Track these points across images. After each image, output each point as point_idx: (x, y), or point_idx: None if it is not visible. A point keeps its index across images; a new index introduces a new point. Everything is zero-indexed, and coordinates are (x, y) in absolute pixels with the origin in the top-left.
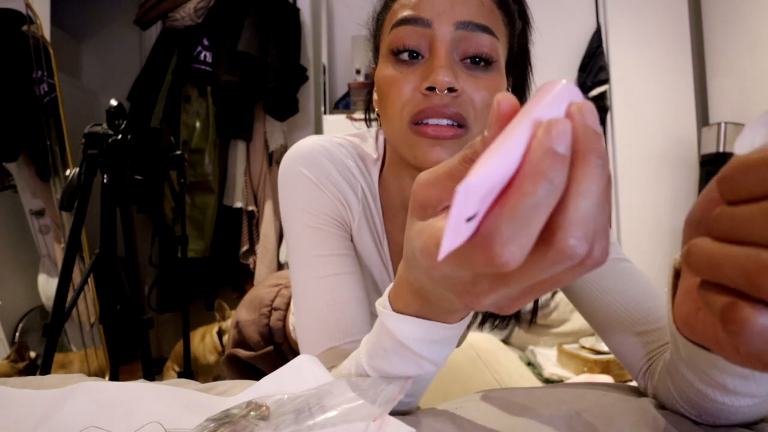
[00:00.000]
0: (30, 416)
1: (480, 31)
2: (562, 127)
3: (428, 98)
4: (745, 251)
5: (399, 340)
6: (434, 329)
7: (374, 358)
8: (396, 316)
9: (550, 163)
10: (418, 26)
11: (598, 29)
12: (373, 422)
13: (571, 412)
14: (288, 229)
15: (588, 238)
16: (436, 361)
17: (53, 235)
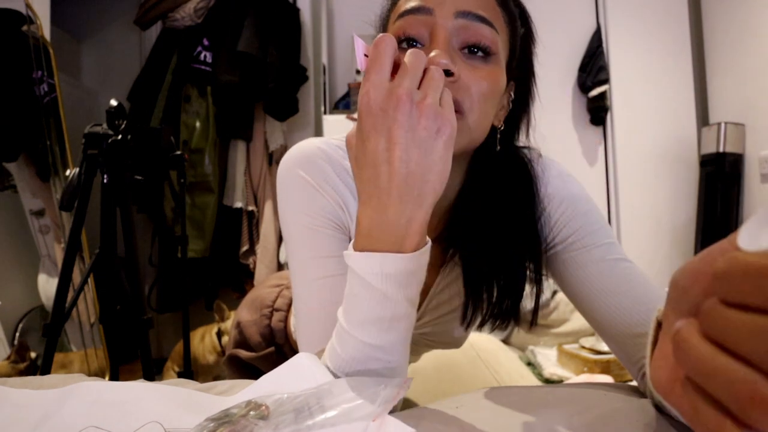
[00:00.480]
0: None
1: (480, 22)
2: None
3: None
4: (736, 370)
5: (360, 275)
6: (387, 260)
7: (348, 312)
8: (355, 254)
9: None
10: (420, 15)
11: (598, 29)
12: (373, 422)
13: (571, 412)
14: (287, 231)
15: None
16: (397, 297)
17: (53, 235)
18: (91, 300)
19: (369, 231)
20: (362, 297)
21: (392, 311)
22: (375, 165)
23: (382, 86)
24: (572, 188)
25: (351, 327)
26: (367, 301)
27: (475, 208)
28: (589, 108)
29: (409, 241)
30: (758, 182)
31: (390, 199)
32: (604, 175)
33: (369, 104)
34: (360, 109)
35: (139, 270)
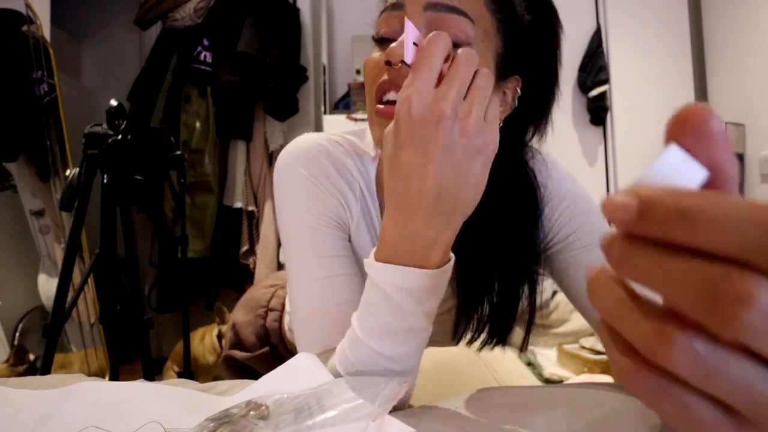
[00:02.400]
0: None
1: (450, 12)
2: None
3: (388, 71)
4: (641, 309)
5: (380, 287)
6: (409, 274)
7: (363, 319)
8: (377, 264)
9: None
10: (393, 11)
11: (598, 29)
12: (373, 422)
13: (571, 412)
14: (284, 229)
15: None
16: (414, 312)
17: (53, 235)
18: (91, 300)
19: (393, 243)
20: (379, 307)
21: (408, 324)
22: (407, 178)
23: (426, 94)
24: (572, 187)
25: (365, 335)
26: (384, 312)
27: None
28: (589, 108)
29: (434, 257)
30: (758, 182)
31: (418, 215)
32: (604, 175)
33: (409, 112)
34: (398, 114)
35: (139, 270)
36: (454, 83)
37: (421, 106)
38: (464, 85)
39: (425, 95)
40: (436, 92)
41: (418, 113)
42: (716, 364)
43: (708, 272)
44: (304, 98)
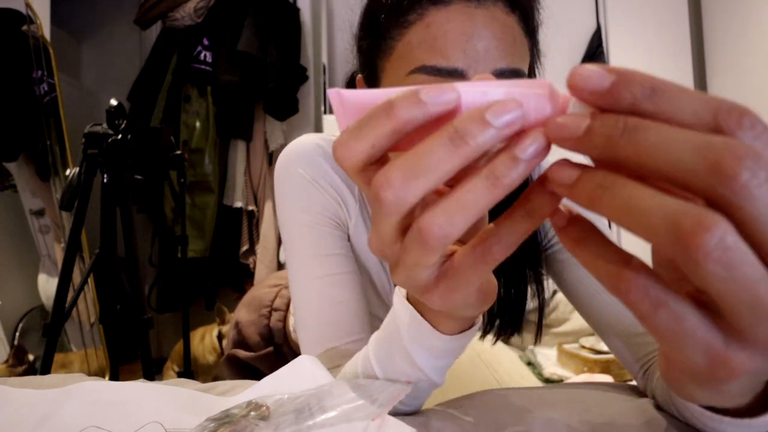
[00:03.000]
0: (30, 416)
1: (516, 77)
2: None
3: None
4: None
5: (399, 328)
6: (429, 335)
7: (379, 349)
8: (405, 308)
9: (465, 125)
10: (451, 76)
11: (598, 29)
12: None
13: (570, 412)
14: (285, 228)
15: (446, 230)
16: (424, 367)
17: (53, 235)
18: (91, 300)
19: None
20: (395, 350)
21: (418, 376)
22: None
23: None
24: None
25: (377, 364)
26: (399, 358)
27: None
28: None
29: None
30: None
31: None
32: None
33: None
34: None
35: (139, 270)
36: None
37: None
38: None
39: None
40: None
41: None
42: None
43: (671, 205)
44: (304, 98)
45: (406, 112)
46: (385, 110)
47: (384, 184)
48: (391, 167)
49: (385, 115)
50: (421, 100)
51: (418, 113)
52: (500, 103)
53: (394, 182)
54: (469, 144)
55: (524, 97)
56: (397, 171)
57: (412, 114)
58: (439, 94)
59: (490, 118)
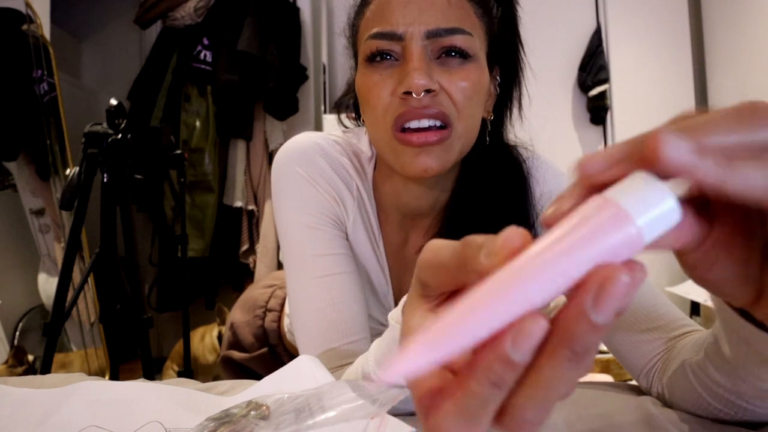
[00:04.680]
0: (30, 415)
1: (453, 34)
2: (529, 332)
3: (407, 101)
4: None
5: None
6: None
7: (381, 361)
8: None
9: (500, 369)
10: (390, 40)
11: (598, 29)
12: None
13: (570, 412)
14: (282, 228)
15: (541, 417)
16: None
17: (53, 235)
18: (91, 299)
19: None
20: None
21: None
22: None
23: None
24: (561, 183)
25: (379, 366)
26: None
27: (469, 209)
28: (589, 107)
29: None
30: None
31: None
32: None
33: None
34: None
35: (139, 269)
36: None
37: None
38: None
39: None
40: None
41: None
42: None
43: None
44: (304, 97)
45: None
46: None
47: (528, 426)
48: (527, 409)
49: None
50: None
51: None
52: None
53: (538, 421)
54: (589, 355)
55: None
56: (534, 411)
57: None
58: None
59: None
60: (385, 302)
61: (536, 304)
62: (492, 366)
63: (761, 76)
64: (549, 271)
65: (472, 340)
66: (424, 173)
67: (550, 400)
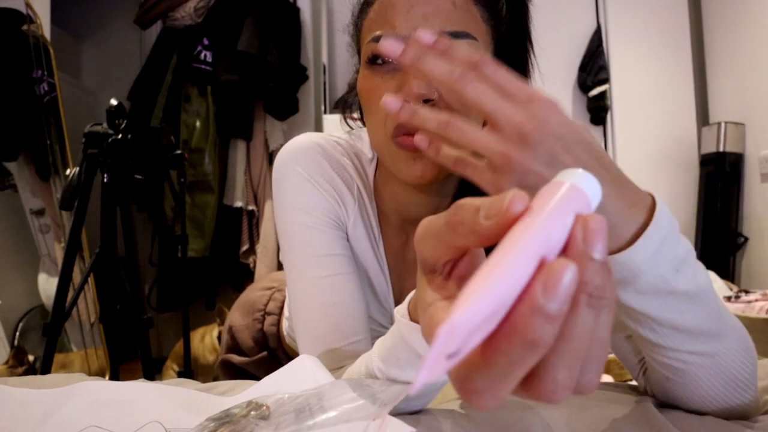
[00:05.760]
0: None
1: (457, 39)
2: (560, 280)
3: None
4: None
5: (417, 351)
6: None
7: (389, 366)
8: (415, 327)
9: (538, 323)
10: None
11: (598, 29)
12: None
13: (571, 412)
14: (282, 228)
15: (571, 379)
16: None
17: (53, 235)
18: (91, 299)
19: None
20: (408, 362)
21: (439, 380)
22: None
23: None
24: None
25: (383, 364)
26: (413, 368)
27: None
28: (589, 107)
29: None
30: (758, 182)
31: None
32: None
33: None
34: None
35: (139, 269)
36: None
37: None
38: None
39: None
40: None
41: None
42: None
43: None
44: (304, 98)
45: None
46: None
47: (561, 389)
48: (558, 369)
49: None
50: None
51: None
52: (589, 226)
53: (569, 382)
54: (605, 299)
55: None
56: (566, 370)
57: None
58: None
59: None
60: (386, 304)
61: (554, 252)
62: (528, 324)
63: (761, 76)
64: (556, 221)
65: (507, 294)
66: (420, 179)
67: (577, 356)
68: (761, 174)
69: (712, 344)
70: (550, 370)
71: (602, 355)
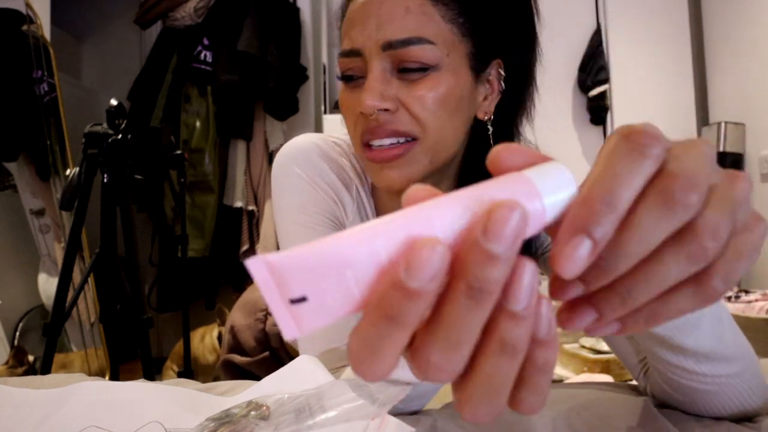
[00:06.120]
0: (30, 416)
1: (408, 46)
2: (423, 256)
3: (367, 120)
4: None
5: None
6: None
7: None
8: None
9: (396, 298)
10: (352, 57)
11: (598, 29)
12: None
13: (570, 412)
14: (281, 228)
15: (447, 365)
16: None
17: (53, 235)
18: (91, 299)
19: None
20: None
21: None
22: None
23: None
24: None
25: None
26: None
27: None
28: (589, 108)
29: None
30: (758, 182)
31: None
32: None
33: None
34: None
35: (139, 269)
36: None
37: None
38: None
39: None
40: None
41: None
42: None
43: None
44: (304, 98)
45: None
46: (400, 298)
47: (434, 370)
48: (431, 350)
49: (403, 301)
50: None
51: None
52: (493, 217)
53: (444, 365)
54: (493, 292)
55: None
56: (439, 353)
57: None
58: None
59: (490, 246)
60: None
61: (432, 229)
62: (386, 299)
63: (761, 76)
64: (448, 202)
65: (353, 253)
66: (389, 187)
67: (451, 344)
68: (761, 174)
69: (727, 367)
70: (422, 349)
71: (534, 374)
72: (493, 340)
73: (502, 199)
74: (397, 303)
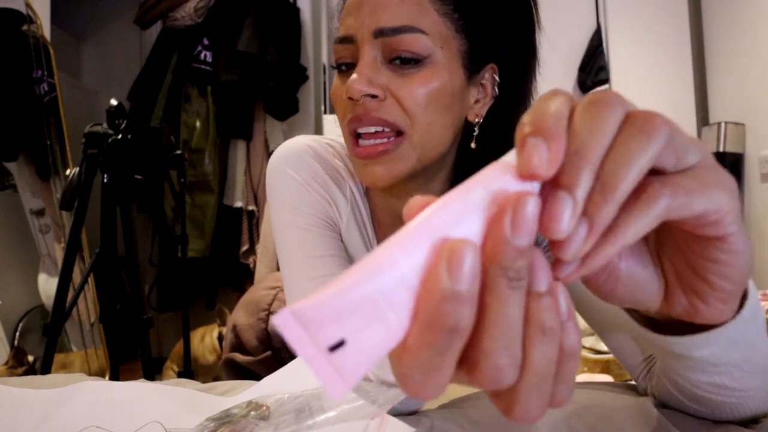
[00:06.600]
0: (31, 416)
1: (400, 34)
2: (464, 257)
3: (355, 106)
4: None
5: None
6: None
7: (380, 368)
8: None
9: (449, 307)
10: (345, 44)
11: (598, 29)
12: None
13: (570, 412)
14: (278, 230)
15: (514, 364)
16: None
17: (53, 235)
18: (91, 299)
19: None
20: None
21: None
22: None
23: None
24: None
25: (378, 379)
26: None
27: None
28: None
29: None
30: (758, 182)
31: None
32: None
33: None
34: None
35: (139, 269)
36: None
37: None
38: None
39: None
40: None
41: None
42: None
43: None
44: (304, 98)
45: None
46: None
47: (502, 373)
48: (497, 354)
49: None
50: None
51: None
52: (514, 209)
53: (510, 365)
54: (525, 278)
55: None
56: (504, 353)
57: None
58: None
59: (513, 238)
60: None
61: (451, 233)
62: (439, 309)
63: (761, 76)
64: (453, 204)
65: (383, 277)
66: (374, 184)
67: (511, 340)
68: (761, 174)
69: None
70: (486, 358)
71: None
72: (533, 328)
73: (513, 192)
74: (452, 312)
